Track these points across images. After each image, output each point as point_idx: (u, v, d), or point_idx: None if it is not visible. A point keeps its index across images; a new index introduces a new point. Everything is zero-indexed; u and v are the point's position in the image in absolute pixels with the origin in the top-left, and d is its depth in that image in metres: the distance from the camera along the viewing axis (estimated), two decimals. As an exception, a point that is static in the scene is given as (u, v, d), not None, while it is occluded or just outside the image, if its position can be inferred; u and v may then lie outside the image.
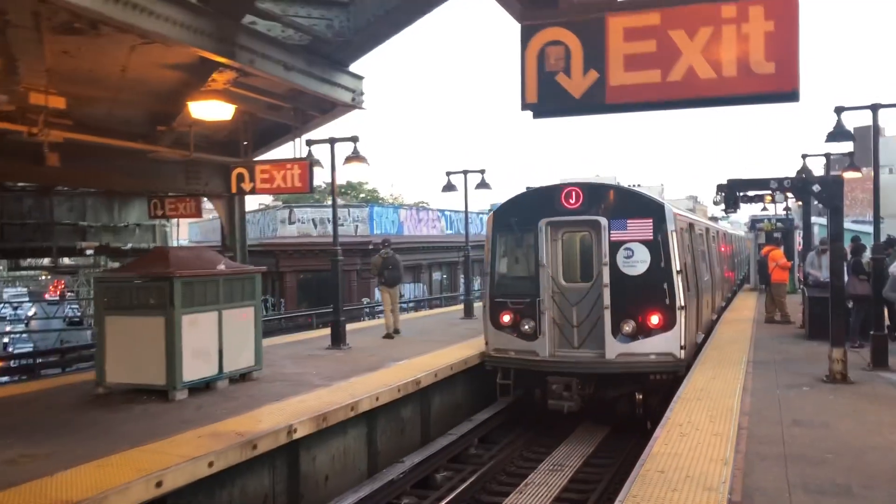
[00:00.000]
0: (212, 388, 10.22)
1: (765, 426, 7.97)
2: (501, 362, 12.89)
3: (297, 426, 8.37)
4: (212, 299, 10.19)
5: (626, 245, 11.97)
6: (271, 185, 9.69)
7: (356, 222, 34.72)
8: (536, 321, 12.37)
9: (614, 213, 12.08)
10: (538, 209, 12.57)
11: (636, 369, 11.99)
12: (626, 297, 11.91)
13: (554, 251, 12.55)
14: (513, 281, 13.07)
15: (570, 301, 12.41)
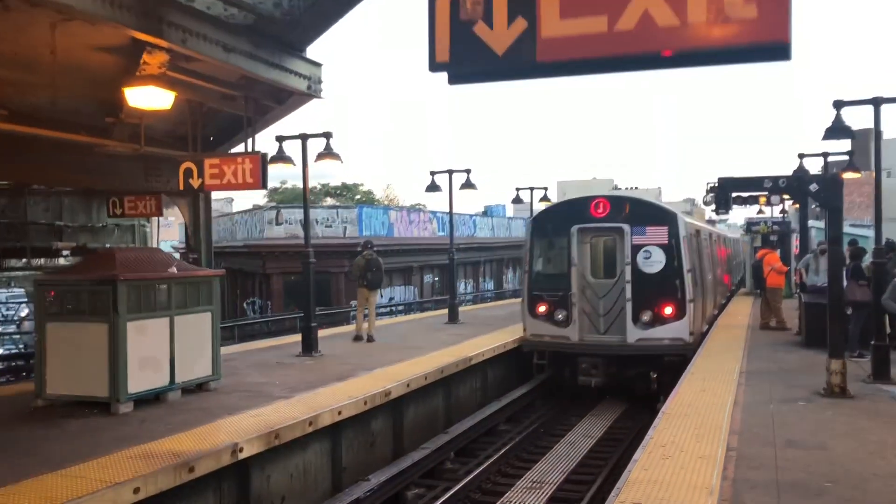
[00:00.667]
0: (162, 399, 9.49)
1: (756, 447, 7.25)
2: (538, 345, 15.26)
3: (244, 445, 7.63)
4: (162, 304, 9.45)
5: (645, 248, 14.27)
6: (221, 181, 8.96)
7: (345, 223, 34.00)
8: (568, 311, 14.70)
9: (635, 221, 14.39)
10: (570, 217, 14.98)
11: (652, 351, 14.14)
12: (645, 291, 14.20)
13: (583, 252, 14.83)
14: (548, 278, 15.31)
15: (598, 294, 14.76)
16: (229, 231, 40.49)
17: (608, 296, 14.61)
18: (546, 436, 13.02)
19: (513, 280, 51.75)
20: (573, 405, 14.92)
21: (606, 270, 14.79)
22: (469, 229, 45.73)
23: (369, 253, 15.91)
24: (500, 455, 11.51)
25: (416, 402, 12.11)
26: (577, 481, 10.46)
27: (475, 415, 13.20)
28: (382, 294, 34.59)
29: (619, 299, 14.41)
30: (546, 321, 15.00)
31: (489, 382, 15.17)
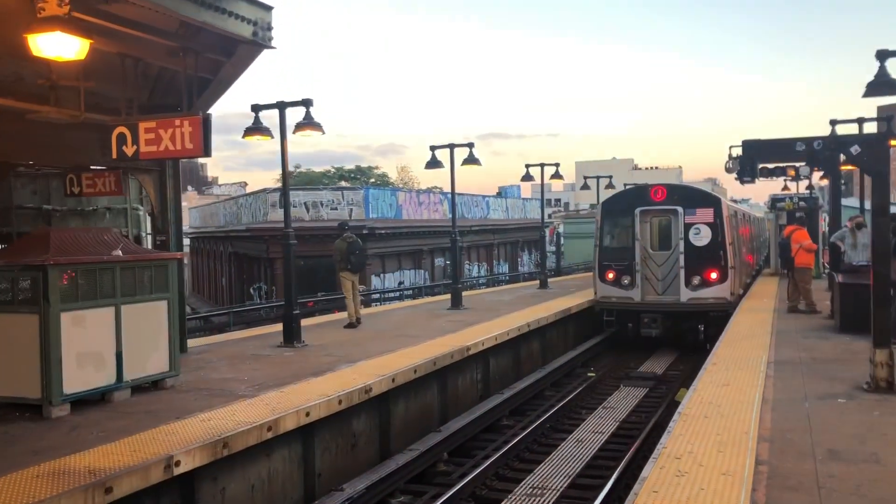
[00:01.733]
0: (108, 400, 8.36)
1: (791, 460, 5.98)
2: (607, 305, 18.63)
3: (181, 457, 6.47)
4: (106, 292, 8.29)
5: (695, 225, 17.50)
6: (158, 148, 7.77)
7: (351, 206, 32.80)
8: (632, 276, 17.97)
9: (687, 204, 17.69)
10: (633, 201, 18.39)
11: (701, 308, 17.48)
12: (694, 260, 17.44)
13: (644, 229, 18.05)
14: (615, 250, 18.47)
15: (656, 263, 17.96)
16: (234, 215, 39.49)
17: (665, 264, 17.90)
18: (552, 432, 11.81)
19: (528, 263, 50.46)
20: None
21: (662, 244, 18.04)
22: (482, 211, 44.40)
23: (349, 235, 15.11)
24: (499, 455, 10.31)
25: (407, 398, 10.94)
26: (584, 486, 9.24)
27: (473, 409, 12.03)
28: (384, 278, 33.52)
29: (673, 267, 17.75)
30: (614, 285, 18.29)
31: (491, 374, 13.96)
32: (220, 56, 8.44)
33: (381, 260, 33.44)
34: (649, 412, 12.51)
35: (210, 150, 7.62)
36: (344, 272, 14.88)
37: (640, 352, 17.97)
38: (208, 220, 47.96)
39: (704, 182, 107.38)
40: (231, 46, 8.15)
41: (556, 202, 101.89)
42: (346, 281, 15.03)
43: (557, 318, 17.22)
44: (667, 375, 15.52)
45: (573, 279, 31.42)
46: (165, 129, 7.66)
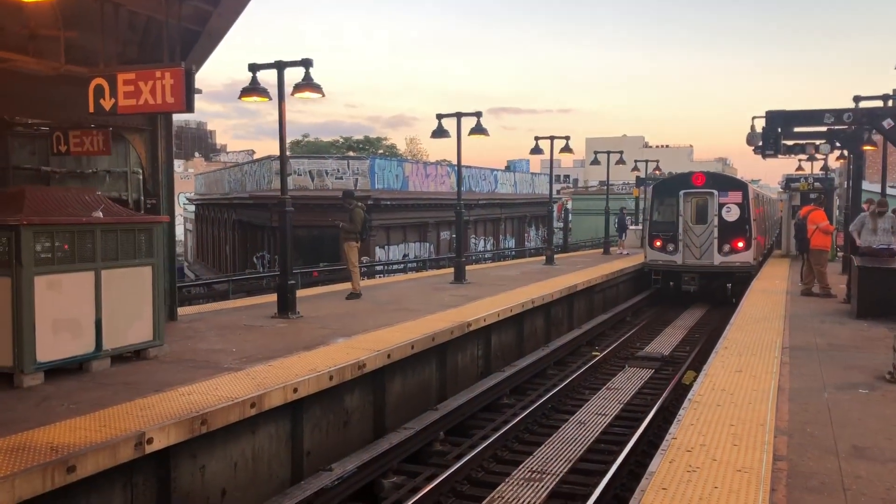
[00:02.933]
0: (86, 369, 7.92)
1: (812, 456, 5.50)
2: (654, 267, 23.12)
3: (155, 434, 6.03)
4: (85, 256, 7.82)
5: (727, 205, 21.85)
6: (137, 102, 7.24)
7: (356, 175, 32.23)
8: (675, 244, 22.34)
9: (721, 187, 22.23)
10: (678, 184, 22.84)
11: (729, 270, 22.00)
12: (725, 232, 21.81)
13: (686, 207, 22.33)
14: (661, 224, 22.80)
15: (695, 234, 22.26)
16: (239, 182, 38.99)
17: (701, 235, 22.21)
18: (554, 412, 11.38)
19: (535, 238, 49.90)
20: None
21: (700, 219, 22.32)
22: (490, 185, 43.77)
23: (363, 204, 15.02)
24: (498, 436, 9.87)
25: (404, 374, 10.49)
26: (585, 472, 8.80)
27: (473, 388, 11.59)
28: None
29: (709, 237, 22.09)
30: (660, 251, 22.72)
31: (493, 350, 13.51)
32: (206, 4, 7.88)
33: (386, 232, 32.95)
34: (654, 395, 12.06)
35: (192, 106, 7.10)
36: (355, 243, 14.61)
37: (649, 332, 17.46)
38: (213, 187, 47.45)
39: (716, 161, 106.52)
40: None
41: (566, 178, 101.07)
42: (353, 251, 14.71)
43: (563, 294, 16.73)
44: (673, 356, 15.07)
45: (580, 255, 30.90)
46: (145, 81, 7.12)
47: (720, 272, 22.15)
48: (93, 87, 7.37)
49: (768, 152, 8.02)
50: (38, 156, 23.19)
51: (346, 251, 14.76)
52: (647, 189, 27.87)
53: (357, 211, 14.61)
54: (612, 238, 33.29)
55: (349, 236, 14.57)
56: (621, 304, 21.88)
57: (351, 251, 14.69)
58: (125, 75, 7.26)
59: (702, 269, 22.26)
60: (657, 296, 23.51)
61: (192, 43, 8.79)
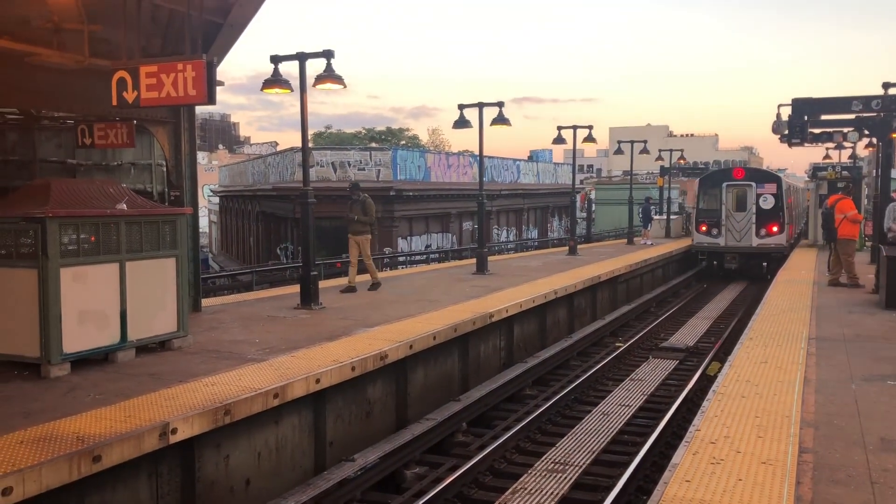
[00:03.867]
0: (111, 360, 8.01)
1: (839, 448, 5.43)
2: (700, 248, 26.81)
3: (179, 424, 6.08)
4: (110, 247, 7.89)
5: (763, 195, 25.34)
6: (159, 94, 7.27)
7: (378, 166, 32.25)
8: (719, 229, 25.82)
9: (758, 180, 25.94)
10: (721, 177, 26.72)
11: (765, 251, 25.53)
12: (762, 218, 25.25)
13: (728, 197, 25.79)
14: (707, 211, 26.33)
15: (736, 220, 25.68)
16: (262, 174, 39.20)
17: (741, 221, 25.69)
18: (577, 404, 11.33)
19: (559, 228, 49.68)
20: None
21: (739, 207, 25.75)
22: (512, 175, 43.63)
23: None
24: (520, 427, 9.84)
25: (426, 365, 10.50)
26: (608, 463, 8.76)
27: (495, 378, 11.57)
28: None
29: (748, 223, 25.63)
30: (706, 235, 26.38)
31: (515, 341, 13.48)
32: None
33: (409, 223, 32.96)
34: (679, 386, 11.97)
35: (214, 98, 7.13)
36: (370, 234, 14.59)
37: (673, 322, 17.36)
38: (237, 179, 47.75)
39: (741, 150, 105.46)
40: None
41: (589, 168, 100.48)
42: (369, 243, 14.65)
43: (586, 285, 16.64)
44: (698, 347, 14.94)
45: (604, 246, 30.72)
46: (168, 73, 7.16)
47: (757, 253, 25.76)
48: (116, 80, 7.42)
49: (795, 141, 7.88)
50: (65, 148, 23.45)
51: (362, 244, 14.48)
52: (694, 182, 31.93)
53: (370, 202, 14.55)
54: (637, 228, 33.06)
55: (364, 228, 14.42)
56: (645, 294, 21.73)
57: (367, 244, 14.56)
58: (147, 68, 7.30)
59: (741, 250, 25.84)
60: (681, 284, 25.24)
61: (214, 35, 8.82)
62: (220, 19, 8.48)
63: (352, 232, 14.49)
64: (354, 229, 14.41)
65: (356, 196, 14.50)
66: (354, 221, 14.36)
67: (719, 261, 26.48)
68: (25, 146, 21.40)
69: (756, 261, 25.98)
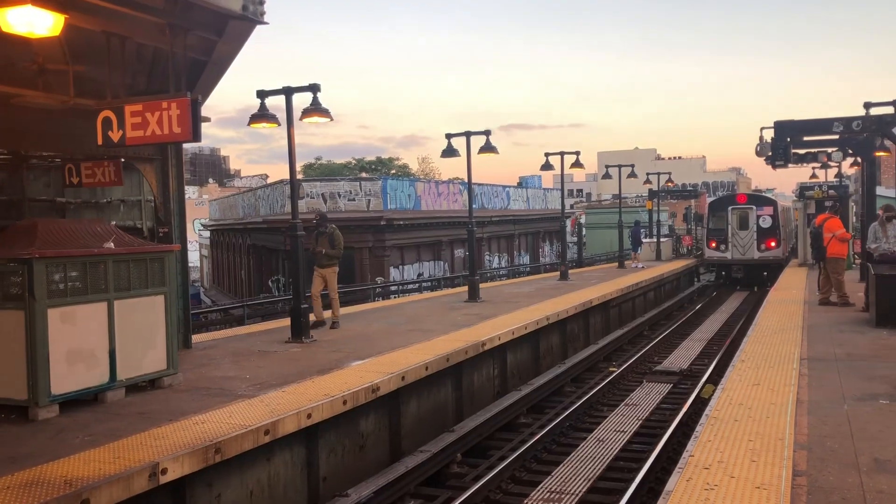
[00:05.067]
0: (101, 400, 7.94)
1: (833, 471, 5.41)
2: (710, 262, 32.03)
3: (168, 464, 6.02)
4: (98, 286, 7.86)
5: (762, 216, 29.90)
6: (145, 133, 7.28)
7: (369, 196, 32.31)
8: (726, 244, 30.28)
9: (758, 203, 30.67)
10: (727, 202, 31.52)
11: (765, 262, 30.03)
12: (761, 235, 29.67)
13: (733, 218, 30.30)
14: (715, 230, 30.65)
15: (740, 237, 30.10)
16: (253, 207, 39.23)
17: (744, 237, 30.16)
18: (572, 430, 11.27)
19: (550, 253, 49.76)
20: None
21: (742, 226, 30.27)
22: (502, 201, 43.77)
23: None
24: (516, 456, 9.78)
25: (419, 396, 10.45)
26: (605, 490, 8.70)
27: (489, 408, 11.51)
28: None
29: (750, 239, 30.05)
30: (715, 250, 30.82)
31: (509, 369, 13.44)
32: (210, 34, 7.93)
33: (400, 251, 32.99)
34: (673, 409, 11.93)
35: (199, 135, 7.14)
36: (336, 268, 14.04)
37: (666, 346, 17.32)
38: (227, 212, 47.75)
39: (729, 171, 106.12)
40: (221, 23, 7.63)
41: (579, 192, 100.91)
42: (335, 276, 14.04)
43: (578, 310, 16.65)
44: (692, 370, 14.91)
45: (595, 270, 30.78)
46: (152, 112, 7.18)
47: (759, 264, 30.38)
48: (101, 120, 7.44)
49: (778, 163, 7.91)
50: (54, 187, 23.36)
51: (328, 277, 13.81)
52: (683, 204, 40.42)
53: (338, 234, 14.03)
54: (627, 252, 33.19)
55: (332, 262, 13.84)
56: (638, 317, 21.73)
57: (334, 277, 13.95)
58: (132, 107, 7.33)
59: (746, 262, 30.48)
60: (674, 306, 25.65)
61: (199, 72, 8.88)
62: (205, 57, 8.53)
63: (318, 265, 13.93)
64: (321, 262, 13.87)
65: (323, 227, 13.96)
66: (322, 255, 13.81)
67: (727, 271, 31.43)
68: (14, 185, 21.31)
69: (758, 270, 30.50)
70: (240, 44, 8.26)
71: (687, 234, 39.90)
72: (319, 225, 14.07)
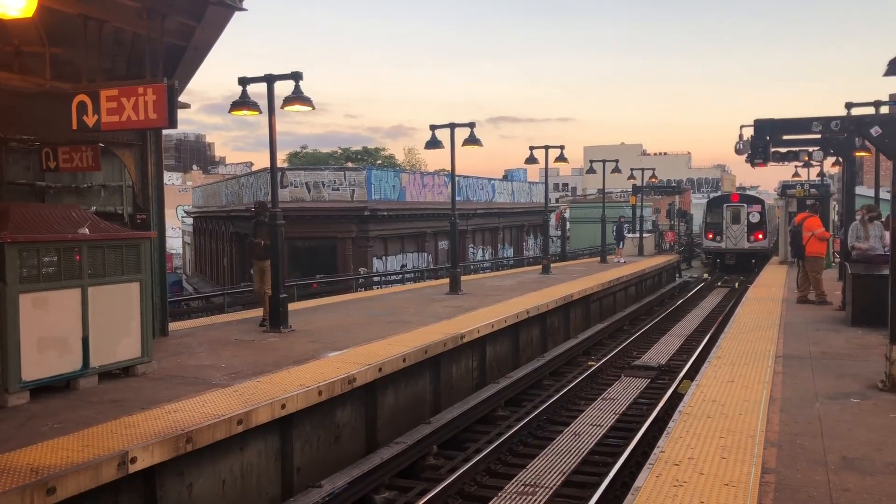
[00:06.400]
0: (73, 387, 7.87)
1: (802, 468, 5.44)
2: (708, 250, 36.95)
3: (138, 453, 5.98)
4: (72, 273, 7.78)
5: (752, 212, 34.82)
6: (120, 118, 7.20)
7: (353, 187, 32.16)
8: (721, 236, 35.12)
9: (748, 202, 36.20)
10: (722, 200, 36.87)
11: (754, 251, 35.18)
12: (751, 228, 34.74)
13: (728, 214, 35.04)
14: (713, 224, 35.55)
15: (733, 230, 34.91)
16: (236, 195, 38.96)
17: (737, 230, 34.85)
18: (549, 424, 11.30)
19: (534, 247, 49.83)
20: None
21: (735, 220, 34.92)
22: (487, 194, 43.74)
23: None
24: (491, 449, 9.78)
25: (397, 387, 10.43)
26: (579, 484, 8.73)
27: (466, 400, 11.51)
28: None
29: (741, 231, 34.75)
30: (712, 241, 35.71)
31: (488, 362, 13.45)
32: (188, 19, 7.84)
33: (384, 242, 32.93)
34: (650, 404, 11.99)
35: (175, 121, 7.06)
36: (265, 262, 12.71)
37: (646, 340, 17.42)
38: (210, 199, 47.41)
39: (714, 168, 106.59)
40: (200, 8, 7.55)
41: (564, 187, 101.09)
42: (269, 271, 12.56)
43: (558, 304, 16.68)
44: (670, 365, 14.99)
45: (578, 264, 30.85)
46: (128, 97, 7.08)
47: (748, 252, 35.24)
48: (76, 104, 7.34)
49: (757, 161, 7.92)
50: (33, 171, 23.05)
51: (267, 272, 12.50)
52: (667, 200, 45.24)
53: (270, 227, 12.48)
54: (610, 246, 33.29)
55: (266, 255, 12.57)
56: (619, 312, 21.81)
57: (267, 271, 12.55)
58: (108, 92, 7.23)
59: (737, 251, 35.31)
60: (655, 301, 25.97)
61: (179, 57, 8.78)
62: (184, 42, 8.43)
63: (257, 257, 12.85)
64: (259, 254, 12.78)
65: (265, 218, 12.71)
66: (261, 247, 12.67)
67: (721, 258, 36.19)
68: (-5, 168, 20.99)
69: (747, 258, 35.30)
70: (219, 30, 8.17)
71: (670, 229, 40.53)
72: (259, 213, 13.20)
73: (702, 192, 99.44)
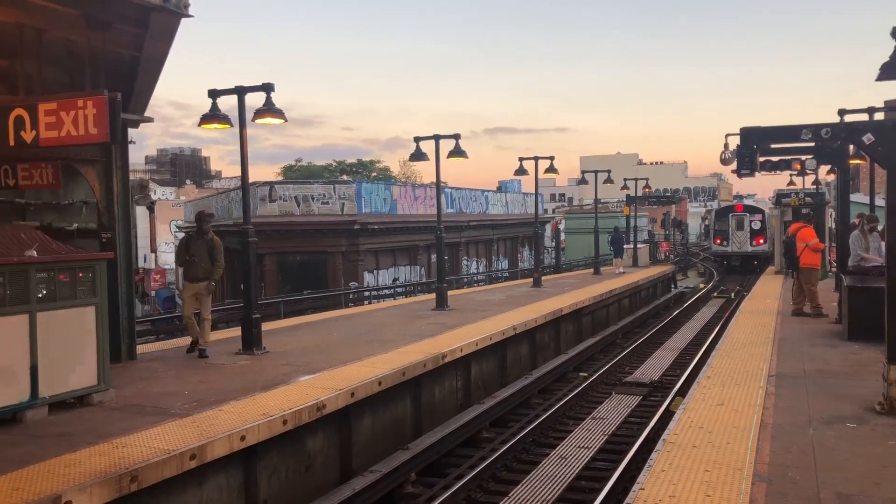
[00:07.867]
0: (19, 419, 7.40)
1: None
2: (716, 253, 43.35)
3: (74, 495, 5.50)
4: (18, 298, 7.32)
5: (754, 220, 40.62)
6: (59, 133, 6.74)
7: (343, 200, 31.76)
8: (728, 241, 41.01)
9: (751, 211, 42.20)
10: (728, 210, 43.23)
11: (756, 254, 40.35)
12: (754, 234, 40.60)
13: (733, 222, 40.93)
14: (720, 231, 41.61)
15: (738, 236, 40.76)
16: (226, 209, 38.52)
17: (741, 236, 40.04)
18: (535, 446, 10.82)
19: (529, 258, 49.38)
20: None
21: (739, 227, 40.13)
22: (481, 206, 43.36)
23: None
24: (473, 475, 9.31)
25: (374, 412, 9.96)
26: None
27: (448, 423, 11.03)
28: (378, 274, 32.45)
29: (745, 237, 40.06)
30: (719, 245, 41.40)
31: (473, 381, 12.98)
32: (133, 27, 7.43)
33: (375, 256, 32.49)
34: (641, 423, 11.52)
35: (118, 136, 6.63)
36: (213, 283, 11.46)
37: (639, 355, 16.93)
38: (202, 214, 46.85)
39: (710, 177, 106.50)
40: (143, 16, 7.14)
41: (561, 197, 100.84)
42: (209, 295, 11.46)
43: (547, 319, 16.22)
44: (662, 381, 14.51)
45: (571, 276, 30.41)
46: (67, 111, 6.64)
47: (751, 255, 40.03)
48: (13, 119, 6.90)
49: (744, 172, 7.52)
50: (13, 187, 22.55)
51: (201, 295, 11.30)
52: (662, 209, 51.62)
53: (217, 242, 11.39)
54: (605, 257, 32.86)
55: (208, 275, 11.23)
56: (612, 325, 21.35)
57: (208, 296, 11.44)
58: (46, 105, 6.78)
59: (742, 254, 40.38)
60: (649, 314, 25.45)
61: (133, 70, 8.36)
62: (136, 52, 8.02)
63: (189, 278, 11.29)
64: (194, 274, 11.21)
65: (205, 229, 11.33)
66: (194, 265, 11.21)
67: (728, 260, 41.28)
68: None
69: (750, 260, 39.88)
70: (169, 38, 7.74)
71: (665, 239, 41.21)
72: (200, 224, 11.44)
73: (699, 200, 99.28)
